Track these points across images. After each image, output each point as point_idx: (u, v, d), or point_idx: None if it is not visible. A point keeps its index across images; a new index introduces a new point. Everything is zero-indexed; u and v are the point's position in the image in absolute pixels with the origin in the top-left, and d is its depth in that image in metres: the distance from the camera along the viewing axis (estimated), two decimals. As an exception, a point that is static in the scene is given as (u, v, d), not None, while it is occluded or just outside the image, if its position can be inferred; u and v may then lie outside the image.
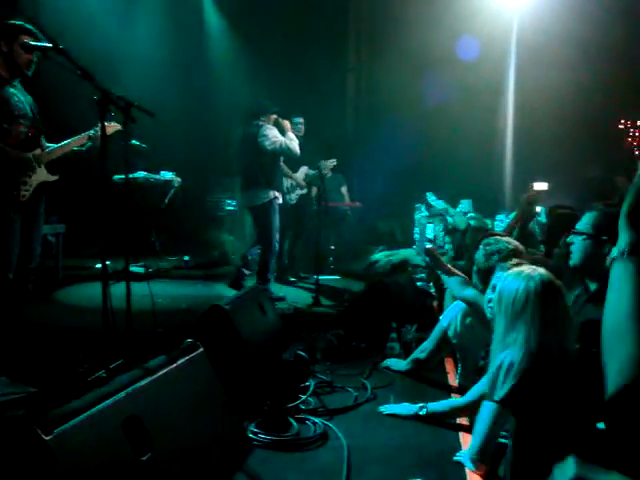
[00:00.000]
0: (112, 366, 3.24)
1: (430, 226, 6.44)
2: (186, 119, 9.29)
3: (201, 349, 2.43)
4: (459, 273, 3.60)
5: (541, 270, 2.34)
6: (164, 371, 2.15)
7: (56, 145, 3.94)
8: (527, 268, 2.38)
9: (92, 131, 3.92)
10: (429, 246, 3.88)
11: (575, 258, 2.76)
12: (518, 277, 2.32)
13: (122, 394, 1.88)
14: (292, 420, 2.98)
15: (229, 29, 9.78)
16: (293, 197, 7.37)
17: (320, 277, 6.83)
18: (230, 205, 9.59)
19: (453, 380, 3.63)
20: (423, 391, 3.50)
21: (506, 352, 2.21)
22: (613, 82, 8.34)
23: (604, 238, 2.62)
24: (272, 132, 6.02)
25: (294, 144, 6.05)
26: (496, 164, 9.33)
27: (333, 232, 8.60)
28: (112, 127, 3.86)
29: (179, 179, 8.23)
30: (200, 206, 9.38)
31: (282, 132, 6.14)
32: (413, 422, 3.00)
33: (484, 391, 2.36)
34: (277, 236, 6.10)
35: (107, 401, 1.82)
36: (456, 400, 3.06)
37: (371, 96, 9.87)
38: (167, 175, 8.11)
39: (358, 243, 8.97)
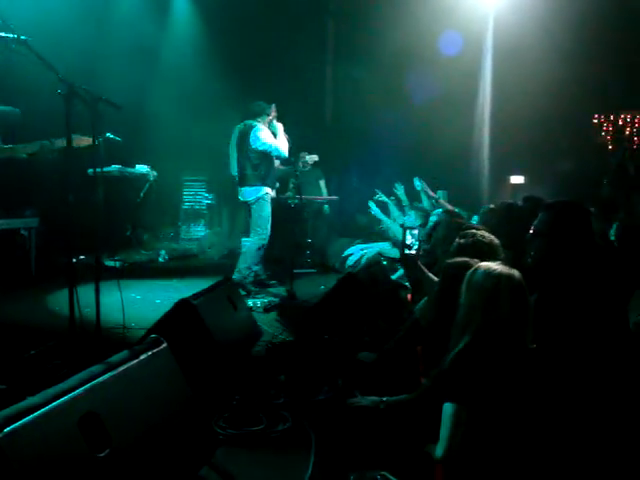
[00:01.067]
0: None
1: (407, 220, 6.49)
2: (162, 112, 9.19)
3: (164, 344, 2.41)
4: (434, 278, 3.55)
5: (511, 270, 2.34)
6: (125, 367, 2.13)
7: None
8: (498, 266, 2.38)
9: (47, 141, 3.85)
10: (409, 252, 3.67)
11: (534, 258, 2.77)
12: (489, 273, 2.32)
13: (79, 390, 1.86)
14: (261, 415, 2.98)
15: (202, 19, 9.65)
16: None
17: (296, 271, 6.85)
18: (207, 199, 9.56)
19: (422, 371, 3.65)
20: (390, 384, 3.50)
21: (461, 344, 2.22)
22: (587, 77, 8.42)
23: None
24: (264, 133, 6.29)
25: (284, 147, 6.35)
26: (474, 157, 9.38)
27: (310, 226, 8.61)
28: (84, 141, 3.79)
29: (155, 173, 8.17)
30: (176, 200, 9.34)
31: (275, 134, 6.40)
32: (382, 415, 3.01)
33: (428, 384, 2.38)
34: (269, 228, 6.34)
35: (63, 398, 1.80)
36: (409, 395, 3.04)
37: (349, 89, 9.84)
38: (142, 169, 8.04)
39: (336, 237, 8.98)
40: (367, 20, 9.21)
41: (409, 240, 3.35)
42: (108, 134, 7.53)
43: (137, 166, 8.06)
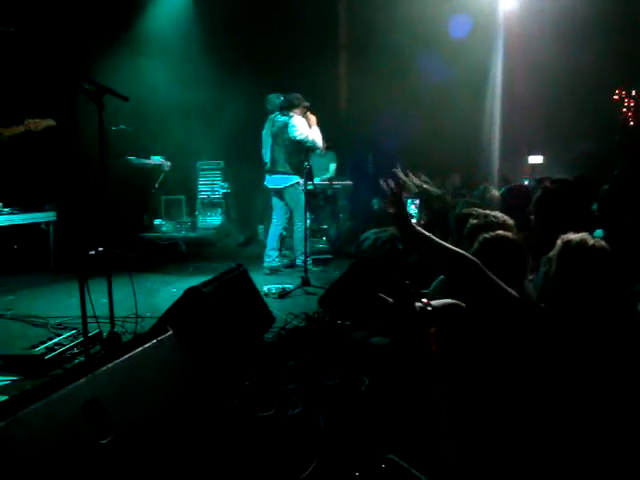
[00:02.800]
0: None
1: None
2: (177, 103, 9.22)
3: (170, 332, 2.43)
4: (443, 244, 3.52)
5: None
6: (129, 354, 2.15)
7: None
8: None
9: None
10: (413, 221, 3.75)
11: None
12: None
13: (82, 379, 1.88)
14: (271, 399, 2.99)
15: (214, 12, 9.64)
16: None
17: (312, 257, 6.87)
18: (223, 188, 9.59)
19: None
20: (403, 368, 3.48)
21: None
22: (606, 52, 8.21)
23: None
24: (301, 124, 6.60)
25: (319, 139, 6.64)
26: (485, 139, 9.25)
27: (326, 211, 8.61)
28: (42, 123, 3.83)
29: (169, 163, 8.21)
30: (192, 189, 9.39)
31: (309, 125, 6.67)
32: (391, 400, 2.99)
33: None
34: (305, 214, 6.57)
35: (67, 386, 1.82)
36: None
37: (363, 73, 9.76)
38: (156, 159, 8.08)
39: (351, 222, 8.96)
40: (380, 5, 9.09)
41: (412, 210, 3.36)
42: (122, 125, 7.62)
43: (151, 157, 8.11)
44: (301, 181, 6.61)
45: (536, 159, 9.49)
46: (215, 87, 8.87)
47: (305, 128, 6.60)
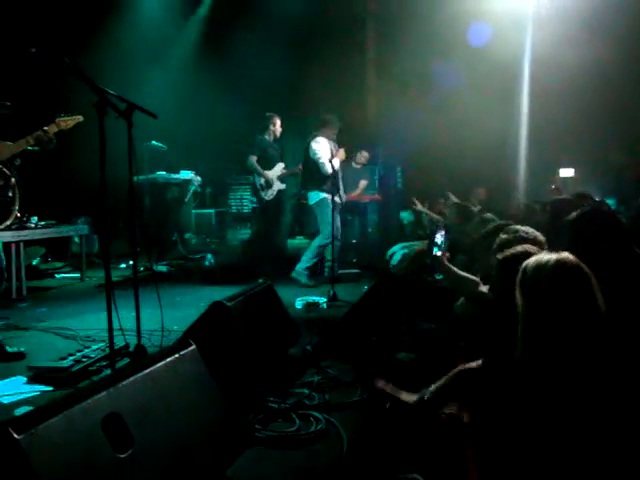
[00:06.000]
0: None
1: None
2: (207, 119, 9.36)
3: (193, 346, 2.43)
4: (467, 275, 3.46)
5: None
6: (151, 368, 2.16)
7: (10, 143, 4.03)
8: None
9: (40, 131, 3.98)
10: (437, 253, 3.57)
11: None
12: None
13: (103, 392, 1.89)
14: (294, 415, 2.97)
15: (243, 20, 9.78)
16: (269, 193, 7.60)
17: (340, 271, 6.85)
18: (252, 202, 9.65)
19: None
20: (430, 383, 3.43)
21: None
22: (635, 58, 8.03)
23: None
24: (319, 146, 6.79)
25: (326, 165, 6.68)
26: (511, 152, 9.13)
27: (356, 225, 8.61)
28: (69, 122, 3.89)
29: (199, 178, 8.31)
30: (222, 204, 9.48)
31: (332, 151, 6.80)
32: (416, 418, 2.94)
33: None
34: (330, 230, 6.60)
35: (87, 399, 1.83)
36: None
37: (390, 88, 9.77)
38: (187, 174, 8.18)
39: (380, 236, 8.92)
40: (406, 17, 9.11)
41: (438, 239, 3.28)
42: (153, 142, 7.75)
43: (182, 172, 8.21)
44: (330, 196, 6.67)
45: (567, 172, 9.32)
46: (247, 104, 8.98)
47: (321, 150, 6.74)
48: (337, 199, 6.74)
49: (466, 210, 5.69)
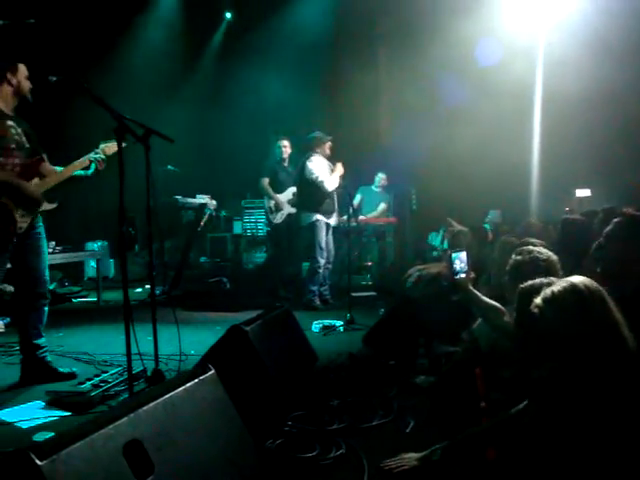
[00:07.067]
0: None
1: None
2: (222, 143, 9.46)
3: (212, 371, 2.42)
4: (492, 303, 3.38)
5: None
6: (171, 394, 2.15)
7: (60, 169, 3.98)
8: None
9: (93, 154, 3.94)
10: (461, 275, 3.29)
11: None
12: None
13: (124, 419, 1.88)
14: (313, 440, 2.94)
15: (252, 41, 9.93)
16: (278, 217, 7.64)
17: (354, 294, 6.82)
18: (267, 225, 9.69)
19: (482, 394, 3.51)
20: (448, 408, 3.38)
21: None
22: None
23: None
24: (315, 165, 6.73)
25: (331, 183, 6.68)
26: (524, 173, 9.10)
27: (374, 248, 8.61)
28: (112, 147, 3.87)
29: (214, 202, 8.35)
30: (237, 228, 9.50)
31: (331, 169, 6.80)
32: (436, 441, 2.90)
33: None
34: (323, 253, 6.76)
35: (108, 426, 1.82)
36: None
37: (402, 109, 9.80)
38: (202, 199, 8.24)
39: (402, 258, 8.90)
40: (416, 38, 9.18)
41: (458, 265, 3.22)
42: (169, 166, 7.83)
43: (197, 195, 8.27)
44: (323, 218, 6.72)
45: (583, 192, 9.25)
46: (260, 126, 9.07)
47: (318, 168, 6.71)
48: (331, 221, 6.75)
49: (480, 233, 5.66)
